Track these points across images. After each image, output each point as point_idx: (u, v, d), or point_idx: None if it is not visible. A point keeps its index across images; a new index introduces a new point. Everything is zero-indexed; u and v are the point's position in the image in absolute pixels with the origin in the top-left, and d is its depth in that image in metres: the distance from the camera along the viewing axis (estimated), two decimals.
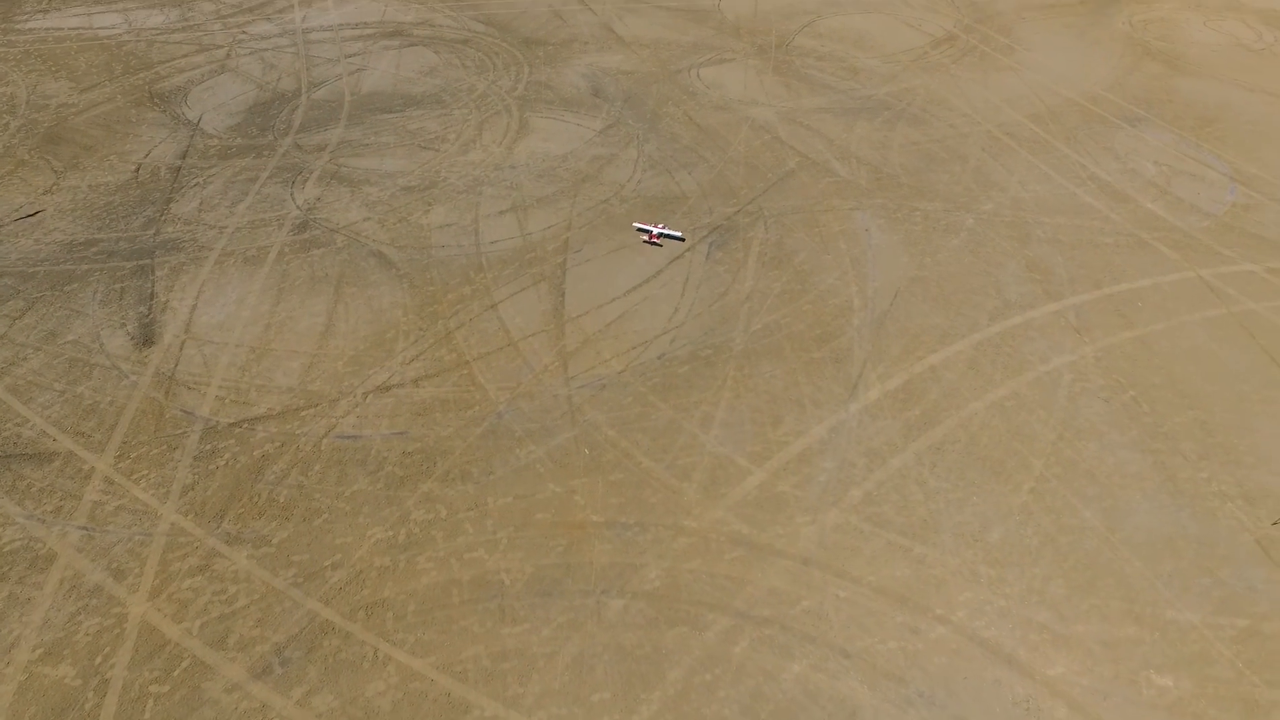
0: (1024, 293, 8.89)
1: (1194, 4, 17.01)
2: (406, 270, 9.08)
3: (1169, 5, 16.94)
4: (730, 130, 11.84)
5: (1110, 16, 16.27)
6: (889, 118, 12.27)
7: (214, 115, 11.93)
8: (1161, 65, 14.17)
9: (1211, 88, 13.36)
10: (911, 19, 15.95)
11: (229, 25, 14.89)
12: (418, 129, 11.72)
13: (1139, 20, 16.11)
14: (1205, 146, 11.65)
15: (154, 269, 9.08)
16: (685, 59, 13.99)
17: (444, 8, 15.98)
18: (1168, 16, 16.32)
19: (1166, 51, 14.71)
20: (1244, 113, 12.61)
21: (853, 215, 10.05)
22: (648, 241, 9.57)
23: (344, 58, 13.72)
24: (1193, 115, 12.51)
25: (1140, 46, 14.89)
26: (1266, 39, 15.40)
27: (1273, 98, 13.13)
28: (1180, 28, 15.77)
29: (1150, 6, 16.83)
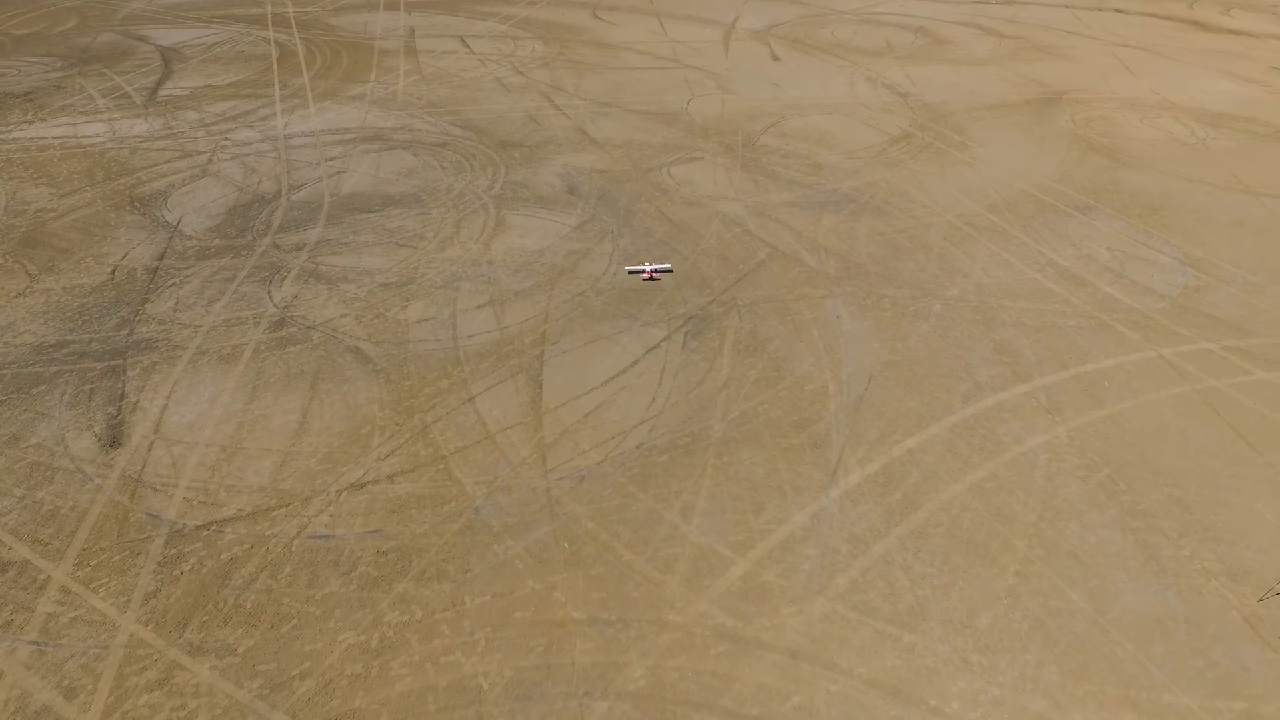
0: (994, 375, 9.08)
1: (1130, 103, 18.18)
2: (383, 365, 9.07)
3: (1107, 105, 18.09)
4: (702, 224, 12.21)
5: (1054, 115, 17.31)
6: (854, 210, 12.75)
7: (194, 217, 12.09)
8: (1105, 159, 14.99)
9: (1154, 179, 14.13)
10: (869, 119, 16.84)
11: (212, 132, 15.30)
12: (396, 227, 11.95)
13: (1081, 118, 17.14)
14: (1154, 233, 12.22)
15: (125, 369, 8.98)
16: (657, 158, 14.56)
17: (423, 113, 16.61)
18: (1107, 115, 17.39)
19: (1109, 146, 15.60)
20: (1186, 201, 13.31)
21: (824, 303, 10.31)
22: (646, 279, 10.55)
23: (324, 161, 14.09)
24: (1139, 204, 13.17)
25: (1084, 142, 15.79)
26: (1199, 134, 16.43)
27: (1210, 187, 13.91)
28: (1119, 125, 16.80)
29: (1090, 106, 17.94)
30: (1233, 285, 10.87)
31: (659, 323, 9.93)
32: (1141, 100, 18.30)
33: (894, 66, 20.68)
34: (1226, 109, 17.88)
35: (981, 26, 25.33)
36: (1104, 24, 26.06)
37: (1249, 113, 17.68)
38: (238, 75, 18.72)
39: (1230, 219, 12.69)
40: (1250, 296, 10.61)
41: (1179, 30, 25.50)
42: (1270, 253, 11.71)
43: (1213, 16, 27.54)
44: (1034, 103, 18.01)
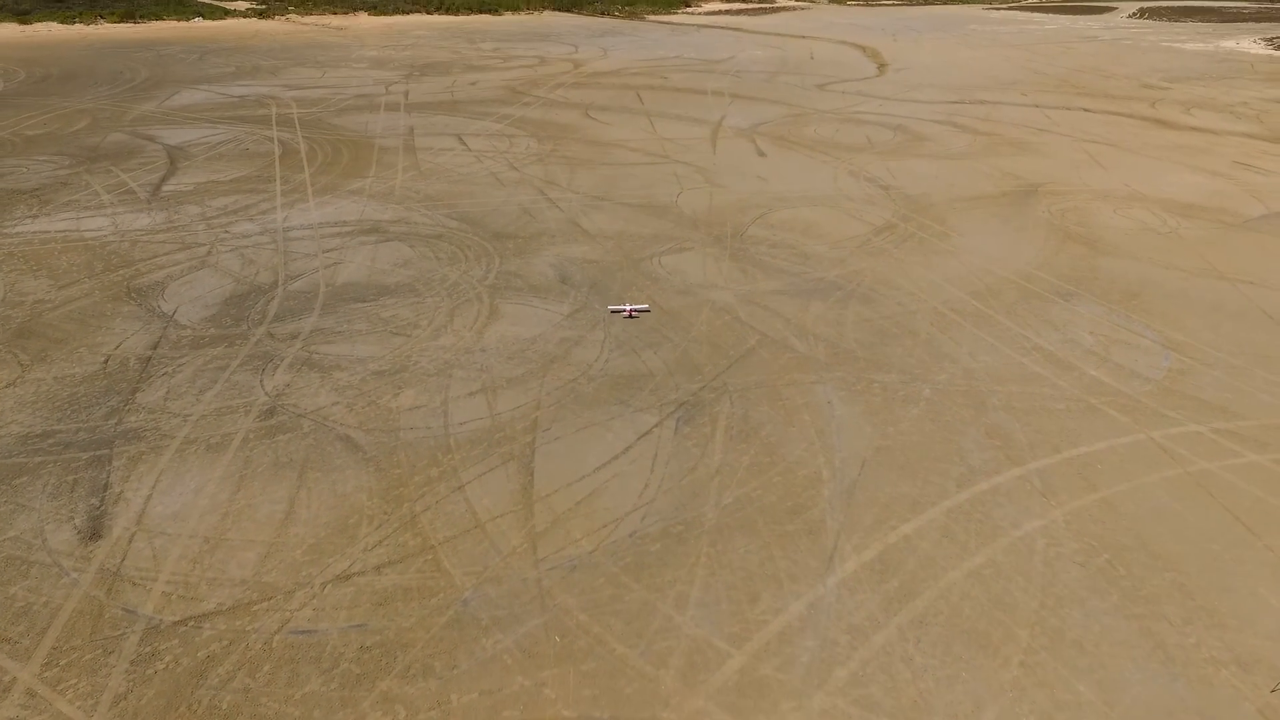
0: (987, 459, 9.06)
1: (1102, 195, 18.88)
2: (373, 453, 9.00)
3: (1081, 196, 18.77)
4: (692, 312, 12.41)
5: (1031, 206, 17.92)
6: (841, 297, 13.01)
7: (190, 308, 12.22)
8: (1083, 247, 15.45)
9: (1130, 266, 14.53)
10: (853, 210, 17.39)
11: (212, 225, 15.66)
12: (390, 316, 12.09)
13: (1057, 209, 17.74)
14: (1134, 318, 12.47)
15: (111, 459, 8.87)
16: (647, 248, 14.92)
17: (420, 206, 17.08)
18: (1081, 206, 18.03)
19: (1085, 235, 16.10)
20: (1162, 287, 13.65)
21: (814, 388, 10.37)
22: (627, 317, 11.89)
23: (322, 252, 14.39)
24: (1118, 290, 13.50)
25: (1062, 231, 16.30)
26: (1170, 224, 17.00)
27: (1185, 273, 14.30)
28: (1094, 215, 17.39)
29: (1065, 198, 18.61)
30: (1216, 368, 11.03)
31: (651, 409, 9.95)
32: (1113, 192, 19.03)
33: (875, 161, 21.55)
34: (1195, 200, 18.60)
35: (957, 124, 26.57)
36: (1072, 122, 27.38)
37: (1217, 204, 18.38)
38: (241, 171, 19.32)
39: (1207, 304, 12.99)
40: (1234, 379, 10.75)
41: (1144, 127, 26.79)
42: (1249, 336, 11.95)
43: (1175, 115, 29.00)
44: (1011, 194, 18.70)
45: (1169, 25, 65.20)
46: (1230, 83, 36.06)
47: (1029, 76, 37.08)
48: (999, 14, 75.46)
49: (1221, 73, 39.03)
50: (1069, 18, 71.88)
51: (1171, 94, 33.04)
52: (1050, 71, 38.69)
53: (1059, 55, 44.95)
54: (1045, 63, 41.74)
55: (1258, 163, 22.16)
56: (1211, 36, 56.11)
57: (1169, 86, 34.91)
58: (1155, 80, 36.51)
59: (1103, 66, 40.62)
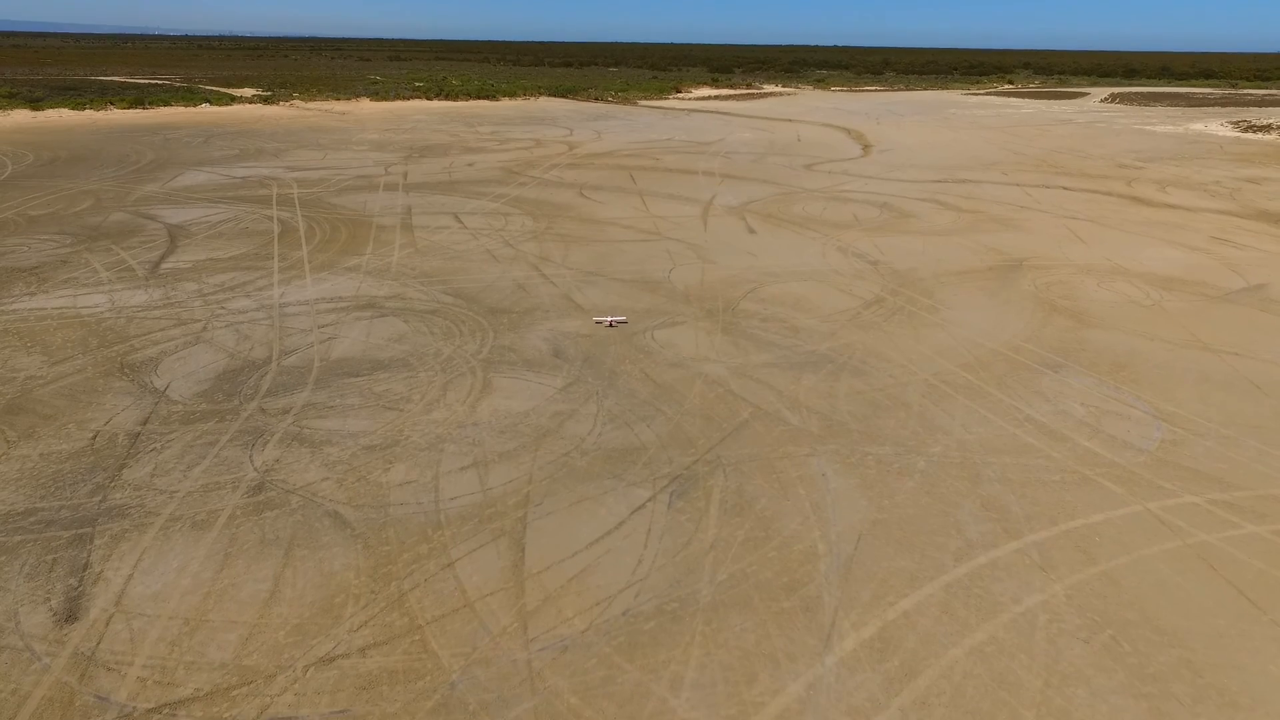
0: (984, 532, 8.95)
1: (1085, 269, 19.27)
2: (362, 530, 8.83)
3: (1065, 270, 19.16)
4: (685, 385, 12.44)
5: (1017, 280, 18.26)
6: (832, 370, 13.08)
7: (182, 383, 12.20)
8: (1069, 320, 15.67)
9: (1117, 338, 14.71)
10: (842, 285, 17.67)
11: (209, 302, 15.79)
12: (383, 391, 12.08)
13: (1042, 283, 18.08)
14: (1124, 389, 12.55)
15: (93, 537, 8.68)
16: (640, 322, 15.07)
17: (415, 282, 17.29)
18: (1066, 280, 18.38)
19: (1071, 308, 16.35)
20: (1150, 358, 13.79)
21: (808, 461, 10.32)
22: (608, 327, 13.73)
23: (317, 328, 14.47)
24: (1106, 362, 13.62)
25: (1048, 304, 16.56)
26: (1153, 297, 17.31)
27: (1172, 345, 14.47)
28: (1079, 288, 17.72)
29: (1049, 272, 18.99)
30: (1207, 439, 11.04)
31: (644, 483, 9.86)
32: (1096, 266, 19.45)
33: (863, 237, 22.04)
34: (1176, 274, 19.01)
35: (941, 202, 27.32)
36: (1053, 199, 28.20)
37: (1197, 277, 18.78)
38: (239, 249, 19.62)
39: (1195, 375, 13.11)
40: (1226, 450, 10.75)
41: (1122, 205, 27.59)
42: (1238, 407, 12.01)
43: (1151, 193, 29.92)
44: (996, 269, 19.08)
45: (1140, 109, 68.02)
46: (1202, 162, 37.38)
47: (1008, 157, 38.38)
48: (976, 99, 78.69)
49: (1193, 153, 40.50)
50: (1044, 102, 74.96)
51: (1146, 173, 34.18)
52: (1029, 152, 40.08)
53: (1036, 137, 46.66)
54: (1023, 144, 43.29)
55: (1233, 238, 22.76)
56: (1181, 120, 58.46)
57: (1144, 166, 36.14)
58: (1130, 160, 37.82)
59: (1079, 147, 42.13)
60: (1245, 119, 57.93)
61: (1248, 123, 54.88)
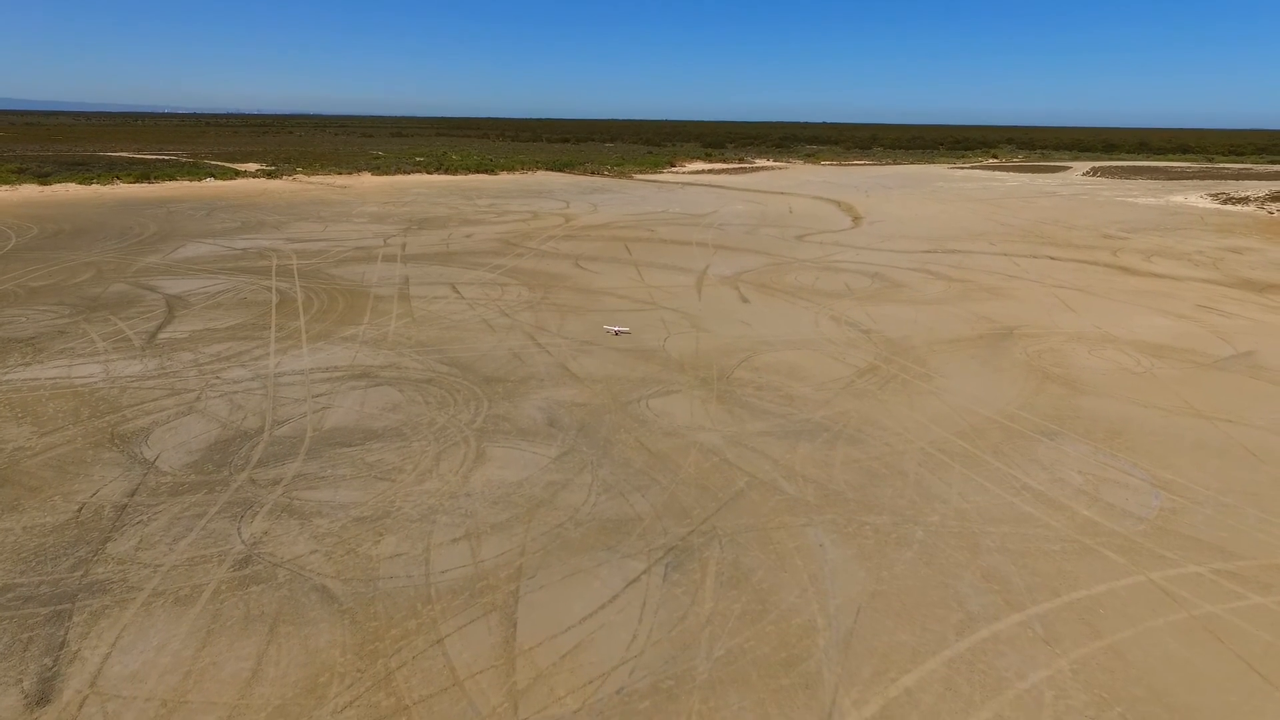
0: (986, 604, 8.77)
1: (1076, 337, 19.47)
2: (350, 605, 8.62)
3: (1056, 338, 19.35)
4: (680, 454, 12.38)
5: (1008, 348, 18.42)
6: (828, 438, 13.05)
7: (173, 453, 12.09)
8: (1062, 387, 15.74)
9: (1110, 405, 14.76)
10: (835, 353, 17.79)
11: (204, 371, 15.79)
12: (376, 461, 11.98)
13: (1033, 351, 18.23)
14: (1120, 456, 12.52)
15: (72, 614, 8.44)
16: (635, 391, 15.09)
17: (411, 351, 17.36)
18: (1057, 347, 18.55)
19: (1063, 376, 16.45)
20: (1144, 425, 13.80)
21: (805, 531, 10.18)
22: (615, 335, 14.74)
23: (311, 397, 14.45)
24: (1101, 429, 13.62)
25: (1040, 372, 16.66)
26: (1144, 364, 17.45)
27: (1165, 412, 14.50)
28: (1070, 356, 17.86)
29: (1040, 340, 19.18)
30: (1207, 507, 10.96)
31: (639, 554, 9.70)
32: (1086, 334, 19.66)
33: (855, 306, 22.32)
34: (1165, 341, 19.21)
35: (931, 272, 27.79)
36: (1040, 269, 28.71)
37: (1186, 345, 18.97)
38: (237, 319, 19.75)
39: (1190, 442, 13.10)
40: (1227, 518, 10.66)
41: (1108, 274, 28.09)
42: (1235, 474, 11.97)
43: (1136, 262, 30.50)
44: (988, 337, 19.27)
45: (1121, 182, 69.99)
46: (1184, 233, 38.26)
47: (996, 228, 39.25)
48: (962, 173, 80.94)
49: (1175, 224, 41.50)
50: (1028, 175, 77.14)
51: (1131, 243, 34.93)
52: (1015, 223, 41.01)
53: (1022, 209, 47.83)
54: (1010, 215, 44.33)
55: (1219, 306, 23.10)
56: (1161, 192, 60.11)
57: (1128, 236, 36.96)
58: (1114, 231, 38.71)
59: (1064, 219, 43.15)
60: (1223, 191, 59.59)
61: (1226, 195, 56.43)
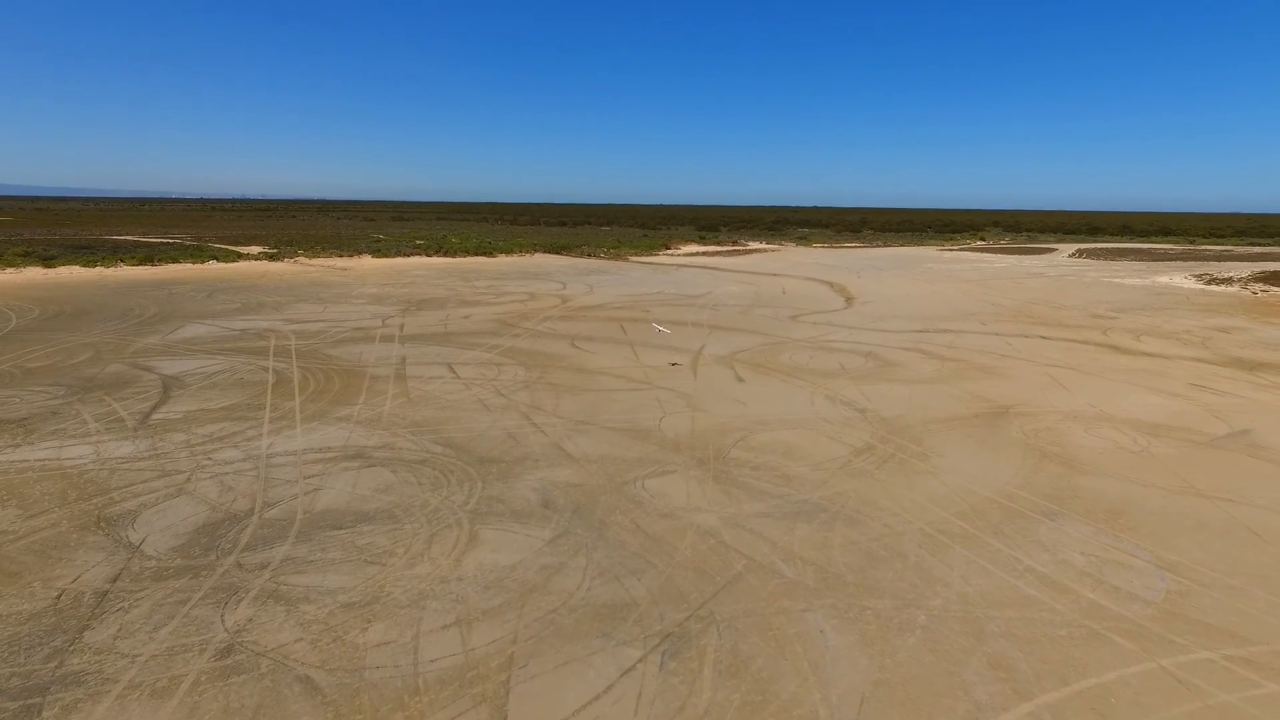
0: (993, 693, 8.47)
1: (1071, 416, 19.50)
2: (334, 696, 8.28)
3: (1050, 417, 19.37)
4: (676, 536, 12.18)
5: (1004, 427, 18.41)
6: (826, 519, 12.88)
7: (159, 537, 11.85)
8: (1060, 466, 15.66)
9: (1110, 484, 14.65)
10: (832, 433, 17.75)
11: (196, 452, 15.65)
12: (366, 544, 11.75)
13: (1029, 429, 18.22)
14: (1123, 537, 12.34)
15: (42, 709, 8.08)
16: (631, 472, 14.96)
17: (405, 432, 17.27)
18: (1053, 426, 18.54)
19: (1061, 455, 16.39)
20: (1145, 505, 13.66)
21: (805, 617, 9.92)
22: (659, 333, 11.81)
23: (303, 479, 14.28)
24: (1101, 509, 13.48)
25: (1037, 451, 16.60)
26: (1141, 443, 17.42)
27: (1165, 491, 14.39)
28: (1067, 435, 17.84)
29: (1035, 419, 19.19)
30: (1214, 590, 10.74)
31: (635, 641, 9.41)
32: (1081, 413, 19.69)
33: (850, 386, 22.41)
34: (1160, 420, 19.23)
35: (924, 351, 28.04)
36: (1032, 348, 29.00)
37: (1182, 423, 18.99)
38: (232, 400, 19.72)
39: (1192, 522, 12.95)
40: (1235, 601, 10.44)
41: (1099, 353, 28.37)
42: (1240, 555, 11.78)
43: (1127, 341, 30.86)
44: (983, 416, 19.28)
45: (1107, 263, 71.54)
46: (1171, 313, 38.87)
47: (986, 308, 39.85)
48: (951, 254, 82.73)
49: (1161, 304, 42.20)
50: (1015, 257, 78.85)
51: (1120, 322, 35.42)
52: (1005, 303, 41.67)
53: (1011, 289, 48.68)
54: (999, 296, 45.08)
55: (1212, 384, 23.25)
56: (1146, 273, 61.38)
57: (1116, 316, 37.51)
58: (1103, 310, 39.31)
59: (1053, 299, 43.88)
60: (1207, 272, 60.88)
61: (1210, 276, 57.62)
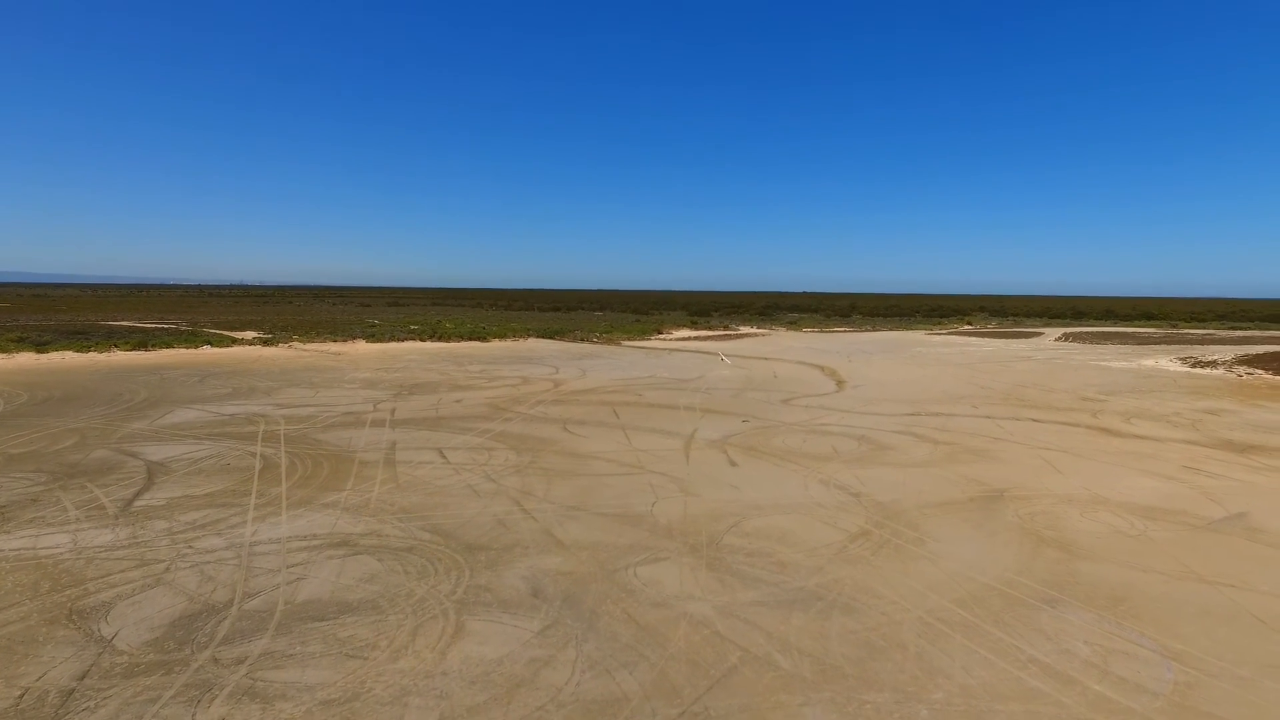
0: None
1: (1067, 499, 19.37)
2: None
3: (1046, 501, 19.24)
4: (669, 626, 11.83)
5: (1000, 511, 18.24)
6: (822, 608, 12.57)
7: (132, 630, 11.43)
8: (1058, 551, 15.45)
9: (1109, 570, 14.42)
10: (826, 518, 17.54)
11: (177, 540, 15.29)
12: (349, 636, 11.35)
13: (1025, 513, 18.05)
14: (1125, 624, 12.06)
15: None
16: (622, 559, 14.66)
17: (393, 519, 16.97)
18: (1048, 510, 18.39)
19: (1058, 539, 16.19)
20: (1146, 591, 13.41)
21: (803, 711, 9.54)
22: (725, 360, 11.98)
23: (286, 568, 13.92)
24: (1102, 595, 13.22)
25: (1034, 535, 16.41)
26: (1138, 526, 17.25)
27: (1165, 577, 14.16)
28: (1063, 519, 17.67)
29: (1030, 502, 19.05)
30: (1223, 680, 10.43)
31: None
32: (1076, 496, 19.55)
33: (843, 469, 22.27)
34: (1155, 503, 19.10)
35: (916, 434, 28.03)
36: (1024, 431, 29.03)
37: (1177, 506, 18.86)
38: (217, 486, 19.41)
39: (1195, 608, 12.69)
40: (1245, 693, 10.12)
41: (1090, 435, 28.41)
42: (1246, 643, 11.50)
43: (1117, 424, 30.97)
44: (978, 500, 19.11)
45: (1093, 347, 72.53)
46: (1159, 395, 39.18)
47: (976, 391, 40.09)
48: (939, 338, 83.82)
49: (1149, 387, 42.58)
50: (1003, 341, 79.93)
51: (1110, 405, 35.63)
52: (995, 386, 41.96)
53: (1000, 372, 49.12)
54: (989, 379, 45.44)
55: (1204, 467, 23.22)
56: (1132, 356, 62.17)
57: (1106, 399, 37.76)
58: (1092, 393, 39.59)
59: (1042, 382, 44.24)
60: (1191, 355, 61.71)
61: (1195, 359, 58.39)
